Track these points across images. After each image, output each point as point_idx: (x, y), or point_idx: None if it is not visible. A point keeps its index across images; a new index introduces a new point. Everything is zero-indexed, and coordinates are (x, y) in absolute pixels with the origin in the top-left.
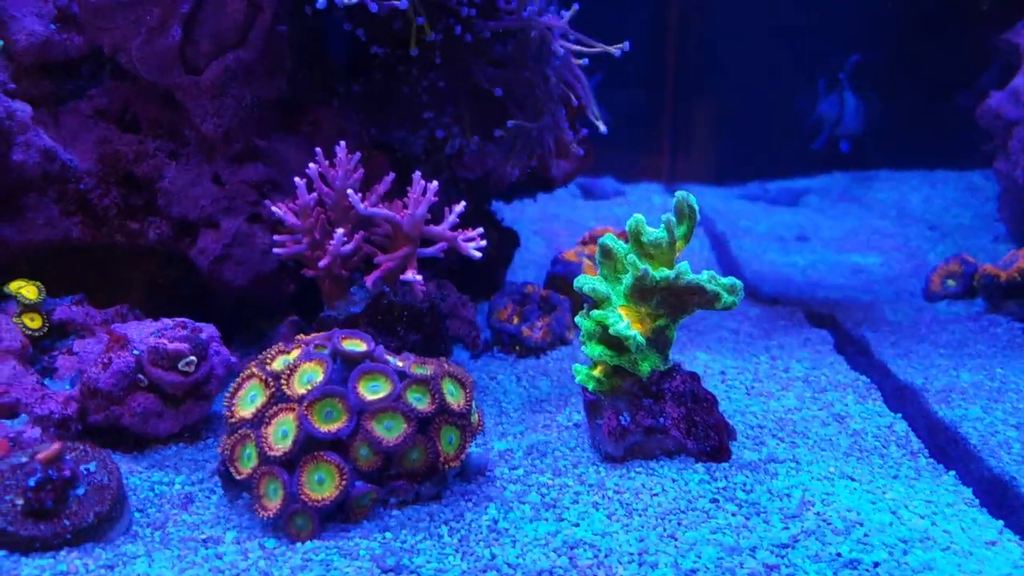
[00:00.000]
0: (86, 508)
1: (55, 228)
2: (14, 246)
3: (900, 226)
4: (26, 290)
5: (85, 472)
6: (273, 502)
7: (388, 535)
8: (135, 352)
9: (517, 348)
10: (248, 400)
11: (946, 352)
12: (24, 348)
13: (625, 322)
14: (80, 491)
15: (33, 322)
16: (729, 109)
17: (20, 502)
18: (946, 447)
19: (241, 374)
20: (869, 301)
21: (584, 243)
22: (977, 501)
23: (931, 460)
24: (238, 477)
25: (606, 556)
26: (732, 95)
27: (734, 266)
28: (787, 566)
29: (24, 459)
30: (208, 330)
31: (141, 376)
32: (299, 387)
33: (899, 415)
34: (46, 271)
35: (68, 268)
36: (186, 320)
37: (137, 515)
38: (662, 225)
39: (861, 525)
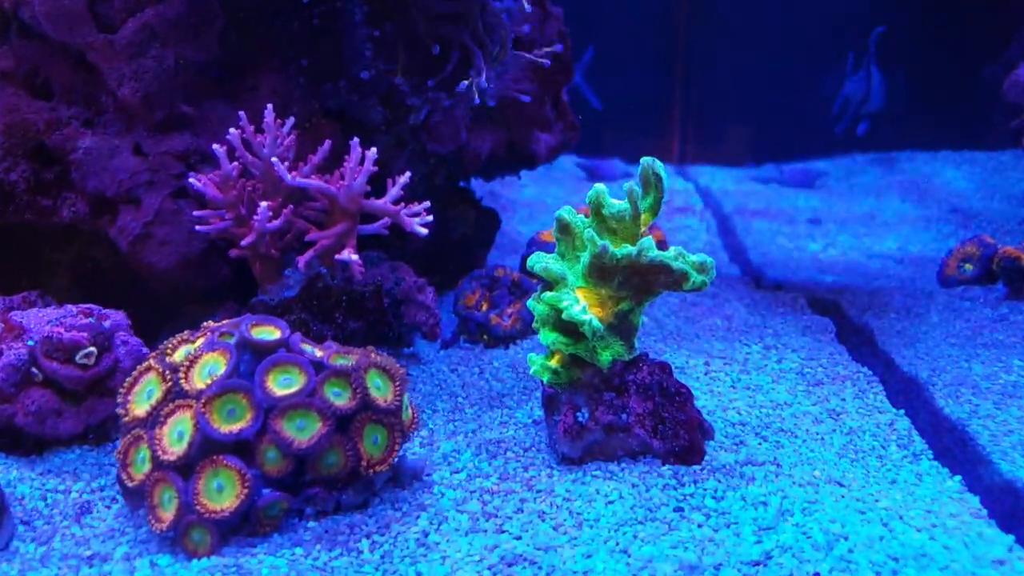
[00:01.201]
0: None
1: None
2: None
3: (921, 208)
4: None
5: None
6: (167, 513)
7: (299, 551)
8: (30, 343)
9: (484, 337)
10: (144, 396)
11: (957, 342)
12: None
13: (581, 305)
14: None
15: None
16: (742, 88)
17: None
18: (952, 448)
19: (139, 366)
20: (878, 286)
21: None
22: (985, 512)
23: (935, 463)
24: (130, 484)
25: (548, 574)
26: (745, 74)
27: (740, 250)
28: None
29: None
30: (115, 317)
31: (35, 370)
32: (198, 381)
33: (901, 411)
34: None
35: None
36: (92, 307)
37: (21, 528)
38: (625, 196)
39: (846, 539)
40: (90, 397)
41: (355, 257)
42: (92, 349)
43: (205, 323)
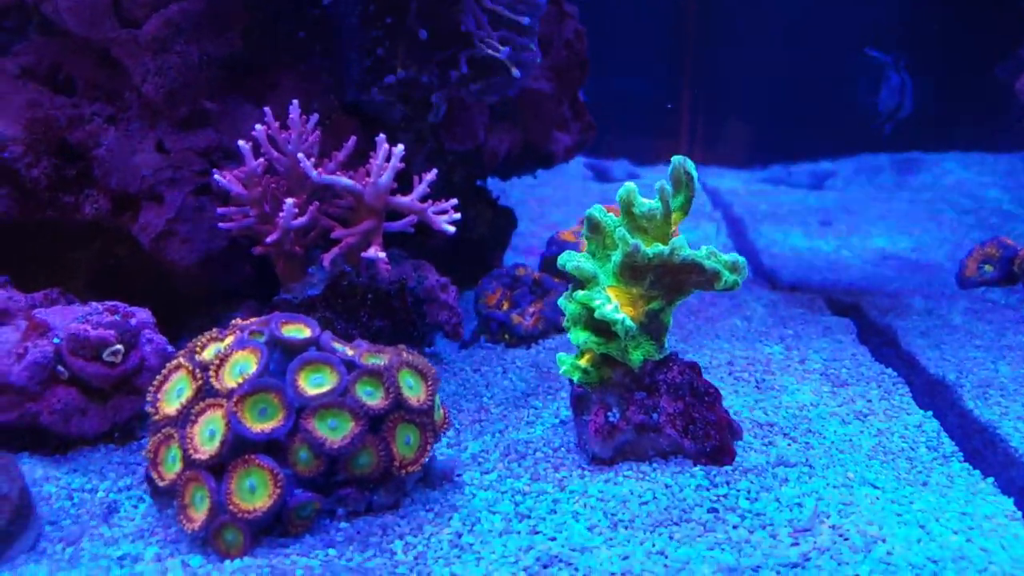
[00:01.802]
0: None
1: None
2: None
3: (932, 211)
4: None
5: None
6: (199, 513)
7: (332, 552)
8: (55, 341)
9: (506, 337)
10: (174, 395)
11: (983, 343)
12: None
13: (613, 304)
14: None
15: None
16: (750, 89)
17: None
18: (983, 450)
19: (168, 364)
20: (897, 288)
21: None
22: (1020, 514)
23: (966, 465)
24: (161, 484)
25: (585, 575)
26: (753, 75)
27: (752, 251)
28: None
29: None
30: (140, 315)
31: (61, 368)
32: (229, 380)
33: (929, 413)
34: None
35: None
36: (117, 304)
37: (48, 528)
38: (656, 195)
39: (884, 541)
40: (116, 395)
41: (382, 255)
42: (119, 347)
43: (233, 321)
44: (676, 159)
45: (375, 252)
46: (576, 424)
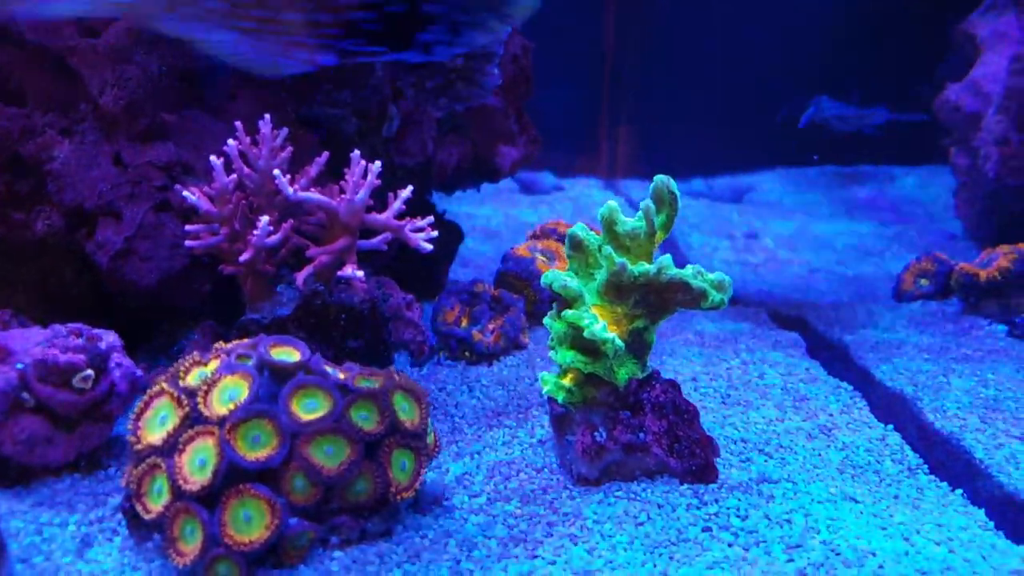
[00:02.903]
0: None
1: None
2: None
3: (851, 223)
4: None
5: None
6: (190, 546)
7: None
8: (18, 366)
9: (467, 354)
10: (157, 422)
11: (931, 356)
12: None
13: (601, 324)
14: None
15: None
16: (671, 103)
17: None
18: (946, 462)
19: (148, 391)
20: (835, 301)
21: (536, 237)
22: (992, 524)
23: (932, 477)
24: (147, 516)
25: None
26: (674, 88)
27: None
28: None
29: None
30: (108, 338)
31: (26, 395)
32: (219, 406)
33: (891, 426)
34: None
35: None
36: (81, 326)
37: (19, 567)
38: (639, 213)
39: (874, 555)
40: (84, 423)
41: (360, 273)
42: (90, 372)
43: (216, 344)
44: (659, 178)
45: (351, 270)
46: (558, 444)
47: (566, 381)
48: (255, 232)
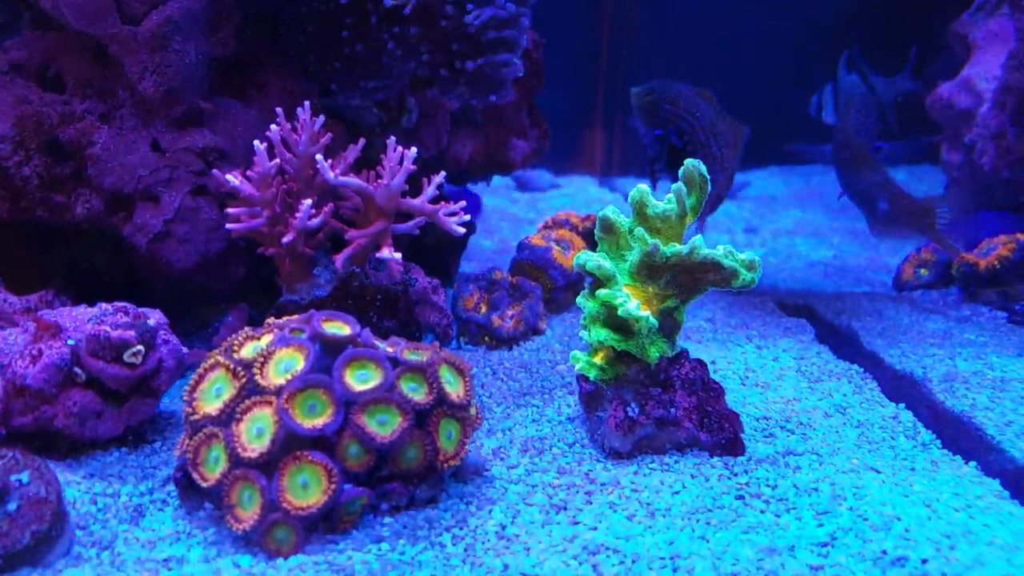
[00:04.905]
0: (19, 527)
1: None
2: None
3: (846, 219)
4: None
5: (17, 484)
6: (248, 512)
7: (384, 546)
8: (70, 342)
9: (487, 339)
10: (213, 394)
11: (935, 341)
12: None
13: (635, 302)
14: (11, 507)
15: None
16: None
17: None
18: (957, 438)
19: (203, 364)
20: (837, 291)
21: (547, 227)
22: (1007, 493)
23: (945, 451)
24: (204, 484)
25: (634, 562)
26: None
27: None
28: (832, 566)
29: None
30: (155, 316)
31: (78, 370)
32: (276, 377)
33: (902, 405)
34: None
35: None
36: (127, 305)
37: (79, 533)
38: (670, 195)
39: (899, 520)
40: (133, 397)
41: (397, 255)
42: (141, 347)
43: (268, 320)
44: (690, 161)
45: (389, 252)
46: (588, 420)
47: (597, 359)
48: (297, 215)
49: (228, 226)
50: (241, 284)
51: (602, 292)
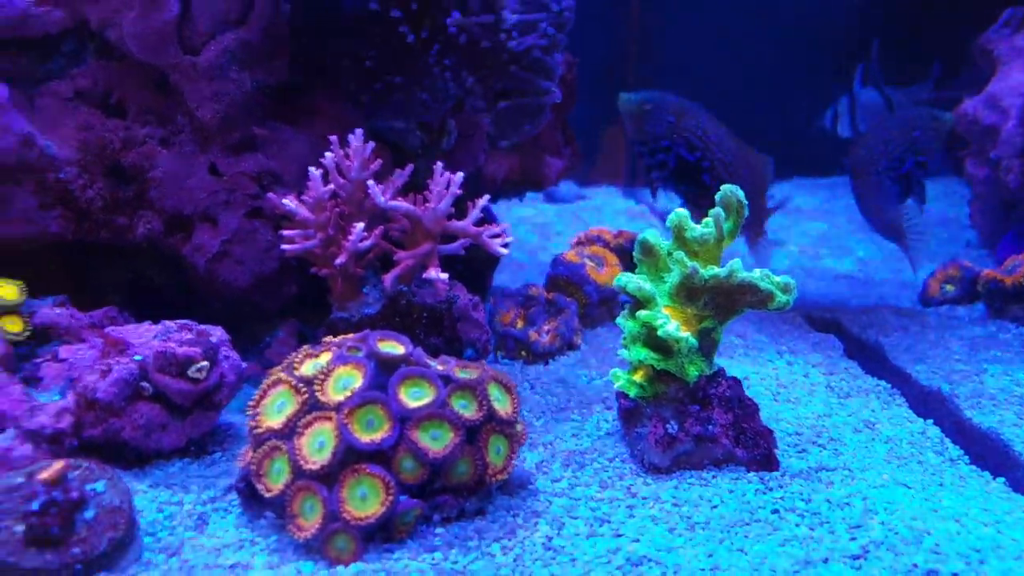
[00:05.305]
0: (97, 534)
1: (33, 223)
2: None
3: (869, 232)
4: (5, 290)
5: (93, 493)
6: (310, 521)
7: (437, 555)
8: (137, 358)
9: (524, 353)
10: (275, 409)
11: (961, 357)
12: (7, 355)
13: (675, 324)
14: (89, 514)
15: (13, 326)
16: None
17: (20, 529)
18: (985, 454)
19: (265, 380)
20: (863, 305)
21: (580, 244)
22: None
23: (973, 467)
24: (267, 495)
25: (675, 573)
26: (690, 98)
27: None
28: None
29: (20, 479)
30: (217, 332)
31: (146, 384)
32: (335, 393)
33: (930, 421)
34: (21, 270)
35: (45, 267)
36: (190, 322)
37: (147, 540)
38: (708, 220)
39: (930, 534)
40: (195, 411)
41: (444, 276)
42: (205, 363)
43: (325, 339)
44: (726, 187)
45: (436, 273)
46: (627, 435)
47: (637, 377)
48: (350, 237)
49: (283, 247)
50: (292, 301)
51: (643, 313)
